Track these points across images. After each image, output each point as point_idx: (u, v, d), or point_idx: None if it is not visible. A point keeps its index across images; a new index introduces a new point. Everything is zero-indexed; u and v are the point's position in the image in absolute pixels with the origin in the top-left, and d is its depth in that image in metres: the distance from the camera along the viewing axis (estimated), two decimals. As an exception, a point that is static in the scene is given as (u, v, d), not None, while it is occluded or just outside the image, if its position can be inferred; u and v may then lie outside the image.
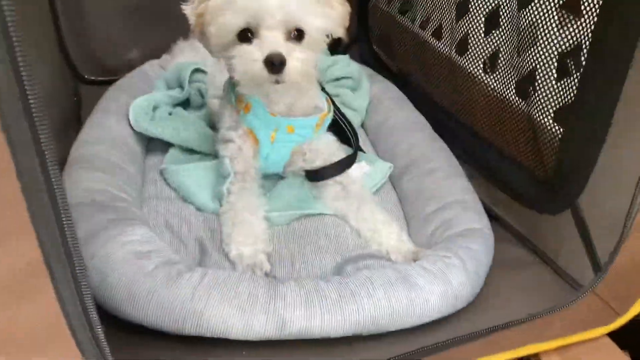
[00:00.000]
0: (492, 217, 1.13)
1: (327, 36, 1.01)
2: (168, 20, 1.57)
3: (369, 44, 1.76)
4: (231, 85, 1.13)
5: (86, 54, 1.62)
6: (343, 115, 1.31)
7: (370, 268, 0.95)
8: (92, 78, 1.65)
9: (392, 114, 1.43)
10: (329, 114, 1.16)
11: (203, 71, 1.46)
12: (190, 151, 1.29)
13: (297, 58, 0.91)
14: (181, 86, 1.45)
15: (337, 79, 1.55)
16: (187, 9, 1.00)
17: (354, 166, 1.21)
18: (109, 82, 1.52)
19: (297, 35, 0.93)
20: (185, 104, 1.47)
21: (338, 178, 1.16)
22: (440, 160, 1.23)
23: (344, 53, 1.71)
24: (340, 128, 1.29)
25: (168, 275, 0.79)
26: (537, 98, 1.08)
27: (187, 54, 1.56)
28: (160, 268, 0.80)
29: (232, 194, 1.09)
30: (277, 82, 0.91)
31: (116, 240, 0.83)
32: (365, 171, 1.24)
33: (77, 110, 1.54)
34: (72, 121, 1.43)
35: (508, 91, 1.22)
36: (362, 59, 1.72)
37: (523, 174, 1.12)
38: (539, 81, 1.09)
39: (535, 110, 1.09)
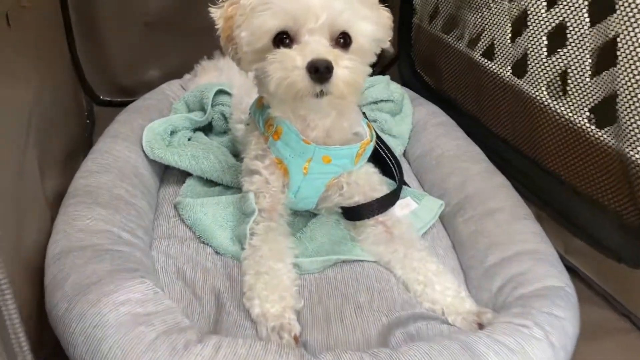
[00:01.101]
0: (567, 269, 0.93)
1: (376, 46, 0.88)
2: (191, 37, 1.46)
3: (411, 64, 1.59)
4: (259, 108, 0.98)
5: (102, 72, 1.51)
6: (384, 143, 1.14)
7: (425, 336, 0.77)
8: (108, 99, 1.54)
9: (439, 142, 1.25)
10: (371, 142, 0.98)
11: (228, 93, 1.31)
12: (210, 182, 1.13)
13: (345, 66, 0.78)
14: (203, 109, 1.30)
15: (376, 102, 1.39)
16: (216, 12, 0.88)
17: (399, 203, 1.04)
18: (126, 103, 1.39)
19: (343, 41, 0.82)
20: (206, 128, 1.33)
21: (380, 217, 0.99)
22: (502, 198, 1.04)
23: (382, 73, 1.54)
24: (381, 158, 1.11)
25: (173, 348, 0.62)
26: (622, 128, 0.89)
27: (210, 74, 1.42)
28: (163, 337, 0.63)
29: (256, 235, 0.92)
30: (322, 93, 0.77)
31: (111, 298, 0.66)
32: (412, 209, 1.06)
33: (89, 133, 1.41)
34: (82, 146, 1.29)
35: (581, 118, 1.03)
36: (403, 81, 1.56)
37: (606, 218, 0.93)
38: (623, 108, 0.90)
39: (621, 143, 0.90)
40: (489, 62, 1.34)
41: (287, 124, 0.92)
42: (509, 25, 1.27)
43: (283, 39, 0.80)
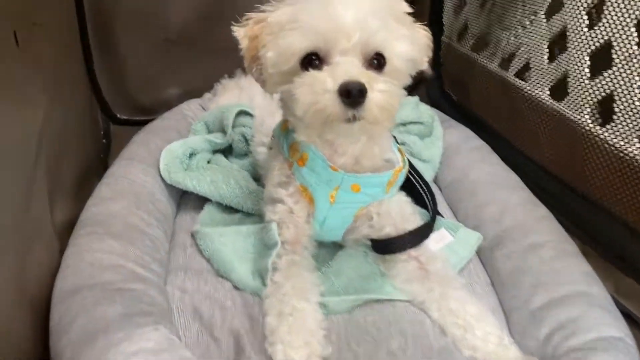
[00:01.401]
0: (622, 314, 0.84)
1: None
2: (212, 54, 1.40)
3: (440, 84, 1.52)
4: (283, 131, 0.91)
5: (119, 90, 1.46)
6: (415, 169, 1.06)
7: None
8: (125, 117, 1.48)
9: (473, 168, 1.17)
10: (403, 169, 0.91)
11: (249, 114, 1.25)
12: (230, 209, 1.07)
13: (380, 89, 0.72)
14: (223, 130, 1.24)
15: (404, 124, 1.32)
16: (239, 31, 0.82)
17: (433, 236, 0.96)
18: (144, 122, 1.34)
19: (377, 62, 0.76)
20: (226, 150, 1.26)
21: (413, 252, 0.91)
22: (545, 232, 0.96)
23: (410, 94, 1.47)
24: (411, 185, 1.04)
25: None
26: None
27: (231, 93, 1.36)
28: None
29: (279, 270, 0.85)
30: (353, 118, 0.71)
31: (120, 348, 0.59)
32: (447, 242, 0.98)
33: (105, 154, 1.36)
34: (97, 168, 1.23)
35: (631, 145, 0.94)
36: (432, 101, 1.48)
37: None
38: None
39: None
40: (524, 83, 1.27)
41: (313, 149, 0.85)
42: (546, 44, 1.20)
43: (312, 60, 0.75)
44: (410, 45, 0.78)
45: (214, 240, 0.93)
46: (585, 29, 1.03)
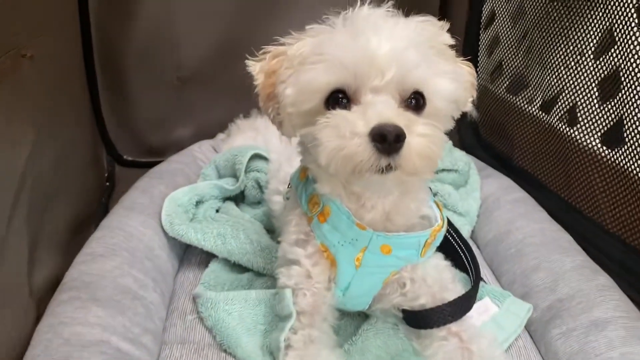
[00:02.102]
0: None
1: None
2: (226, 93, 1.31)
3: (474, 128, 1.39)
4: (302, 180, 0.80)
5: (127, 130, 1.37)
6: (452, 225, 0.92)
7: None
8: (132, 159, 1.38)
9: (518, 224, 1.03)
10: (442, 228, 0.77)
11: (265, 158, 1.13)
12: (239, 267, 0.94)
13: (421, 133, 0.62)
14: (235, 175, 1.12)
15: (436, 172, 1.18)
16: (255, 66, 0.73)
17: (476, 307, 0.81)
18: (152, 164, 1.23)
19: (415, 102, 0.66)
20: (238, 197, 1.14)
21: (453, 327, 0.77)
22: (610, 306, 0.81)
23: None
24: (447, 243, 0.89)
25: None
26: None
27: (246, 135, 1.25)
28: None
29: (293, 348, 0.73)
30: (388, 168, 0.61)
31: None
32: (492, 314, 0.83)
33: (107, 199, 1.24)
34: (96, 215, 1.12)
35: None
36: (465, 147, 1.35)
37: None
38: None
39: None
40: (571, 129, 1.14)
41: (337, 203, 0.74)
42: (596, 86, 1.07)
43: (339, 98, 0.65)
44: (453, 83, 0.68)
45: (218, 308, 0.79)
46: (642, 70, 0.91)
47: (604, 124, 1.05)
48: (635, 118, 0.95)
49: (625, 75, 0.94)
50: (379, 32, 0.64)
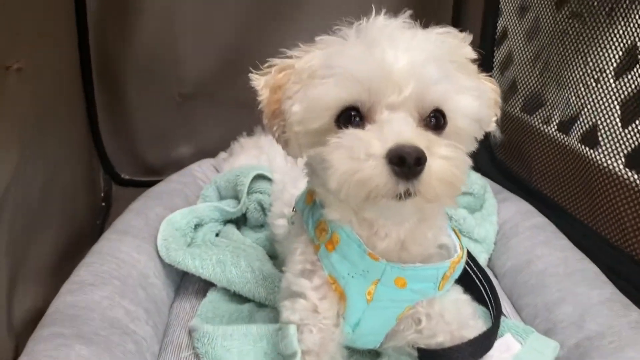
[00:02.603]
0: None
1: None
2: (230, 110, 1.27)
3: (489, 149, 1.32)
4: (309, 204, 0.74)
5: (125, 147, 1.32)
6: (470, 255, 0.85)
7: None
8: (129, 178, 1.32)
9: (538, 253, 0.96)
10: (462, 259, 0.71)
11: (268, 179, 1.06)
12: (239, 297, 0.87)
13: (443, 156, 0.56)
14: (237, 197, 1.06)
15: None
16: (259, 80, 0.68)
17: (497, 345, 0.74)
18: (151, 184, 1.18)
19: (436, 121, 0.60)
20: (240, 220, 1.08)
21: (474, 368, 0.69)
22: (646, 346, 0.73)
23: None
24: (464, 274, 0.82)
25: None
26: None
27: (249, 154, 1.20)
28: None
29: (298, 391, 0.64)
30: (407, 194, 0.54)
31: None
32: (515, 352, 0.76)
33: (103, 220, 1.18)
34: (90, 238, 1.05)
35: None
36: (480, 169, 1.29)
37: None
38: None
39: None
40: (592, 150, 1.08)
41: (347, 230, 0.68)
42: (618, 106, 1.01)
43: (351, 116, 0.60)
44: (476, 101, 0.62)
45: (216, 344, 0.72)
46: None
47: (627, 145, 0.98)
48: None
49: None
50: (395, 44, 0.59)
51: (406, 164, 0.53)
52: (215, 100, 1.30)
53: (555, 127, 1.20)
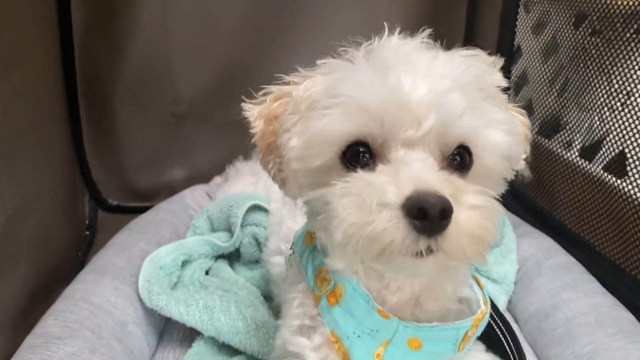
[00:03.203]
0: None
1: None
2: (226, 133, 1.18)
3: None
4: (308, 246, 0.65)
5: (113, 171, 1.24)
6: (491, 302, 0.75)
7: None
8: (118, 203, 1.22)
9: (565, 297, 0.87)
10: (485, 315, 0.61)
11: (265, 210, 0.97)
12: (228, 348, 0.76)
13: (472, 205, 0.48)
14: (230, 229, 0.96)
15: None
16: (252, 110, 0.61)
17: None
18: (141, 210, 1.10)
19: (460, 160, 0.52)
20: (233, 255, 0.98)
21: None
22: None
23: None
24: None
25: None
26: None
27: (245, 181, 1.11)
28: None
29: None
30: (428, 251, 0.46)
31: None
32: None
33: (86, 251, 1.08)
34: (70, 272, 0.95)
35: None
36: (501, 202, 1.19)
37: None
38: None
39: None
40: (619, 180, 0.98)
41: (353, 283, 0.59)
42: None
43: (360, 153, 0.51)
44: (507, 136, 0.53)
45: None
46: None
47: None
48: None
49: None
50: (413, 68, 0.50)
51: (429, 217, 0.44)
52: (210, 121, 1.21)
53: (577, 152, 1.11)
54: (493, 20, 1.29)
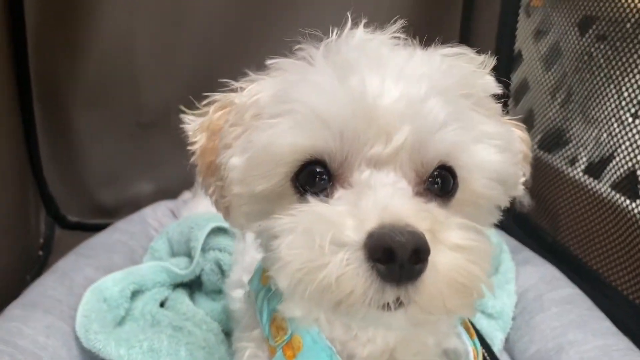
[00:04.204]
0: None
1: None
2: None
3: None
4: (265, 285, 0.55)
5: (72, 185, 1.15)
6: (484, 342, 0.65)
7: None
8: (77, 220, 1.12)
9: (570, 337, 0.77)
10: (477, 367, 0.51)
11: (230, 232, 0.86)
12: (177, 400, 0.65)
13: (455, 245, 0.38)
14: (190, 254, 0.85)
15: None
16: (192, 123, 0.53)
17: None
18: (102, 227, 0.98)
19: (442, 183, 0.43)
20: (195, 283, 0.87)
21: None
22: None
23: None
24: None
25: None
26: None
27: (213, 198, 0.99)
28: None
29: None
30: (397, 304, 0.36)
31: None
32: None
33: (33, 275, 0.97)
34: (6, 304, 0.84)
35: None
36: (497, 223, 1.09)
37: None
38: None
39: None
40: (629, 200, 0.89)
41: (313, 334, 0.50)
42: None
43: (316, 175, 0.42)
44: (501, 154, 0.44)
45: None
46: None
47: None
48: None
49: None
50: (382, 68, 0.40)
51: (397, 260, 0.34)
52: (178, 131, 1.10)
53: (583, 169, 1.02)
54: (491, 24, 1.19)
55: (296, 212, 0.39)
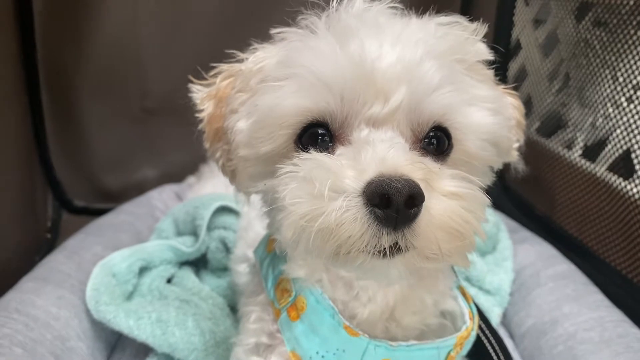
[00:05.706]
0: None
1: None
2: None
3: (502, 179, 1.14)
4: (270, 252, 0.59)
5: (78, 170, 1.17)
6: (481, 315, 0.67)
7: None
8: (83, 205, 1.14)
9: (566, 311, 0.78)
10: (472, 331, 0.52)
11: (235, 212, 0.88)
12: (185, 367, 0.67)
13: (449, 192, 0.41)
14: (196, 233, 0.87)
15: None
16: (200, 92, 0.56)
17: None
18: (108, 211, 0.99)
19: (437, 143, 0.45)
20: (200, 261, 0.89)
21: None
22: None
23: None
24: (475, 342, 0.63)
25: None
26: None
27: (219, 180, 1.02)
28: None
29: None
30: (395, 250, 0.39)
31: None
32: None
33: (42, 257, 0.99)
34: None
35: None
36: (492, 202, 1.10)
37: None
38: None
39: None
40: (625, 182, 0.90)
41: (317, 293, 0.52)
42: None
43: (317, 135, 0.45)
44: (493, 116, 0.46)
45: None
46: None
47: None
48: None
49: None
50: (380, 34, 0.42)
51: (393, 205, 0.36)
52: (183, 116, 1.12)
53: (579, 152, 1.04)
54: (489, 11, 1.20)
55: (299, 160, 0.41)
